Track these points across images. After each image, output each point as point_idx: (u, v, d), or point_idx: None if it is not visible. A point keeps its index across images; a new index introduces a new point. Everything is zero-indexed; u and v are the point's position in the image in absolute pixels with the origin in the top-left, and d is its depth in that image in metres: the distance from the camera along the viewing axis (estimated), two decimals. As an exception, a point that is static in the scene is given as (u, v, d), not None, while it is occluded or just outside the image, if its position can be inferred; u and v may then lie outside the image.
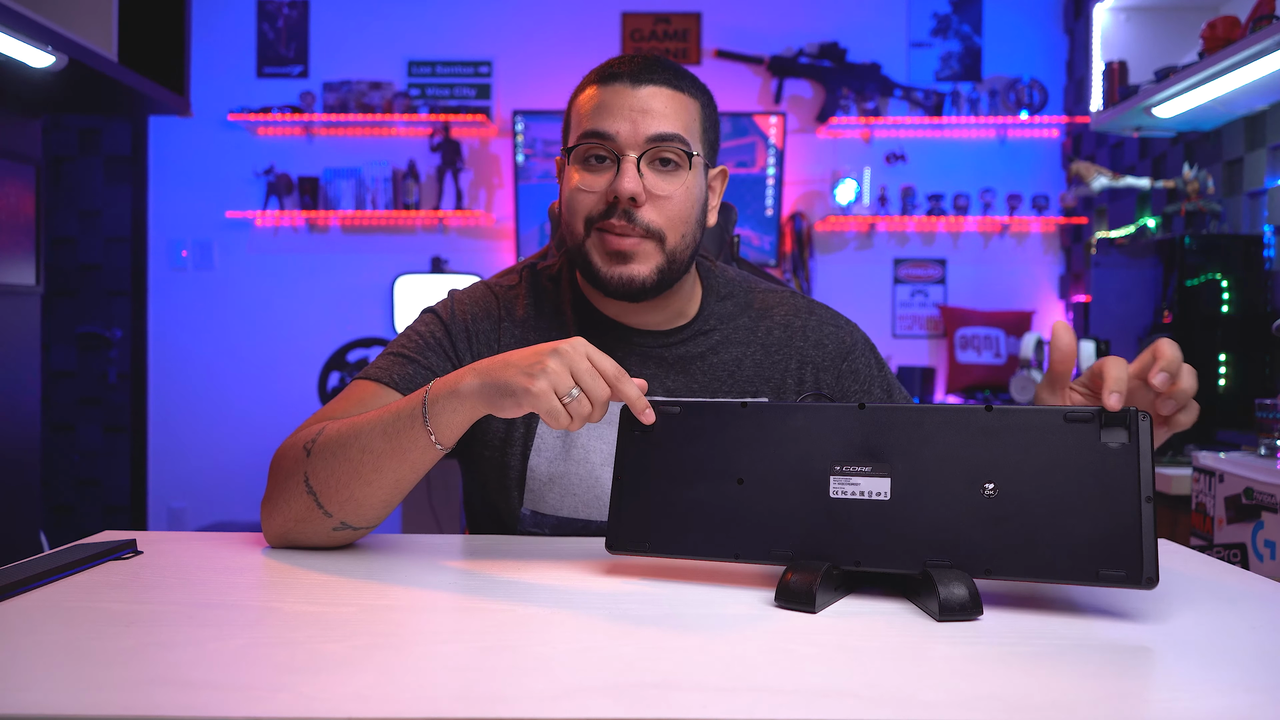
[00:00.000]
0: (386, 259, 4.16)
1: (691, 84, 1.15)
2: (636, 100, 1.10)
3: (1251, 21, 2.31)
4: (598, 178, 1.11)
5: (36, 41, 2.17)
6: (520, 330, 1.21)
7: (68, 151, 4.34)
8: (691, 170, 1.12)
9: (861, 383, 1.23)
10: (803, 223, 4.08)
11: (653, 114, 1.09)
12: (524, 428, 1.18)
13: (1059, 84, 4.11)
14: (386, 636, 0.74)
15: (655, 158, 1.10)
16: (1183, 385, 0.92)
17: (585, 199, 1.11)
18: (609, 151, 1.10)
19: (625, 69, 1.11)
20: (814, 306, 1.27)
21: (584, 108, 1.12)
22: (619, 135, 1.09)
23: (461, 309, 1.21)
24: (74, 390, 4.35)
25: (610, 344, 1.19)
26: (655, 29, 4.14)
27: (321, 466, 0.99)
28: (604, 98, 1.11)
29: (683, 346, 1.20)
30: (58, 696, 0.61)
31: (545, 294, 1.24)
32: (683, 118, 1.11)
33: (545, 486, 1.17)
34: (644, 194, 1.09)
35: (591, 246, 1.12)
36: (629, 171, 1.08)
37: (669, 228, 1.11)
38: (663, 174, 1.11)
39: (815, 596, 0.82)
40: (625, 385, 0.92)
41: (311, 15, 4.17)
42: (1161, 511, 2.20)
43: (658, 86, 1.10)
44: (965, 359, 3.99)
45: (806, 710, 0.60)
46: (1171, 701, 0.64)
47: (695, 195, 1.14)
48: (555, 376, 0.90)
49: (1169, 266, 2.63)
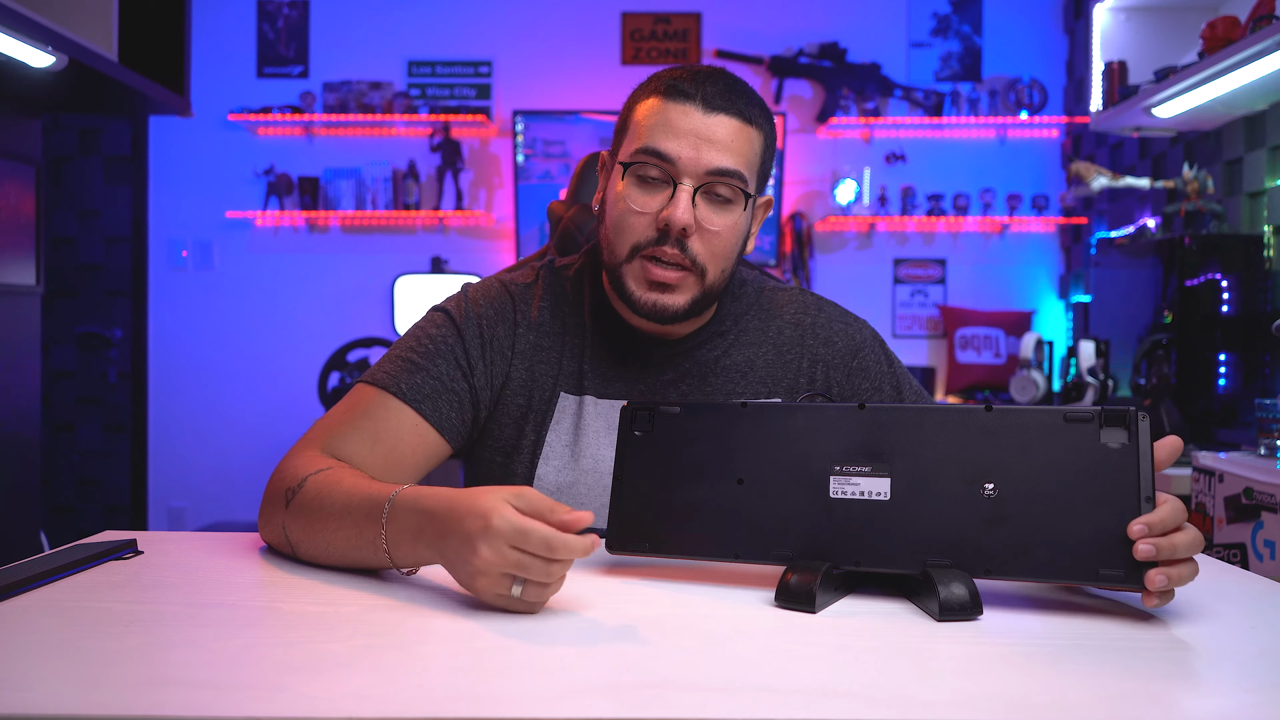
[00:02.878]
0: (386, 259, 4.16)
1: (760, 114, 1.12)
2: (705, 128, 1.07)
3: (1251, 21, 2.31)
4: (650, 199, 1.08)
5: (36, 41, 2.17)
6: (535, 335, 1.18)
7: (68, 151, 4.34)
8: (744, 208, 1.11)
9: (872, 380, 1.23)
10: (803, 223, 4.08)
11: (717, 145, 1.07)
12: (534, 435, 1.16)
13: (1059, 84, 4.11)
14: (386, 636, 0.74)
15: (711, 191, 1.08)
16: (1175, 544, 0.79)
17: (636, 222, 1.09)
18: (666, 175, 1.07)
19: (697, 90, 1.07)
20: (823, 304, 1.27)
21: (647, 120, 1.09)
22: (680, 160, 1.06)
23: (476, 310, 1.17)
24: (74, 390, 4.35)
25: (627, 351, 1.18)
26: (655, 29, 4.14)
27: (295, 526, 0.96)
28: (670, 116, 1.07)
29: (699, 351, 1.19)
30: (57, 696, 0.61)
31: (564, 297, 1.21)
32: (745, 153, 1.09)
33: (553, 495, 1.15)
34: (695, 226, 1.07)
35: (629, 271, 1.10)
36: (683, 202, 1.06)
37: (711, 262, 1.10)
38: (716, 207, 1.09)
39: (815, 596, 0.82)
40: (568, 547, 0.76)
41: (311, 15, 4.17)
42: (1161, 511, 2.20)
43: (729, 117, 1.07)
44: (965, 359, 3.99)
45: (806, 710, 0.60)
46: (1171, 701, 0.64)
47: (742, 231, 1.12)
48: (492, 581, 0.78)
49: (1169, 266, 2.63)
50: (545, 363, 1.17)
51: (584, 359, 1.18)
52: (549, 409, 1.16)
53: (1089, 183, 3.15)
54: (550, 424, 1.16)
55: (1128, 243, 3.08)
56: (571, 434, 1.16)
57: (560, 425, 1.16)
